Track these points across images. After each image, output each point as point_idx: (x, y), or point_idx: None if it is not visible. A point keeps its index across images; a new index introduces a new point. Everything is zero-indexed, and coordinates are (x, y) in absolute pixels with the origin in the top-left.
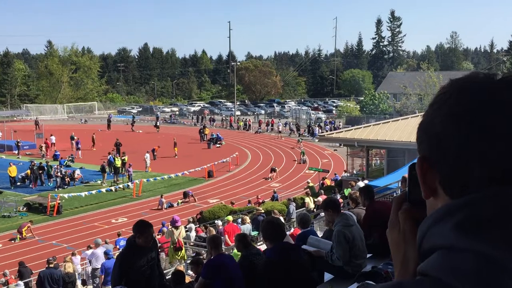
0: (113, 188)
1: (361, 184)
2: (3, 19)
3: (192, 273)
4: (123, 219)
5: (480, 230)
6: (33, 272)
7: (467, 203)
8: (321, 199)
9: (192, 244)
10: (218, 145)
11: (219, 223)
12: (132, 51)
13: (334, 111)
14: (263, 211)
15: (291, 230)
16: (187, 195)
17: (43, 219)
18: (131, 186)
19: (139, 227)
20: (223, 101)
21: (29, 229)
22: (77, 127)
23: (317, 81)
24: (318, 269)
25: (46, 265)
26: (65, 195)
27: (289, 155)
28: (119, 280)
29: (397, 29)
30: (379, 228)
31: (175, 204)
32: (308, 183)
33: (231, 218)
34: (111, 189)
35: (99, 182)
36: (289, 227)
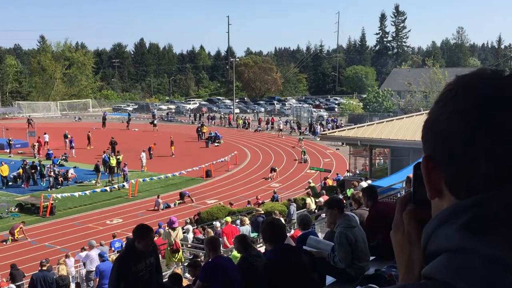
0: (108, 188)
1: (364, 184)
2: None
3: (189, 276)
4: (118, 220)
5: (486, 231)
6: (26, 274)
7: (474, 204)
8: (322, 199)
9: (189, 246)
10: (216, 144)
11: (218, 224)
12: (127, 47)
13: (336, 109)
14: (263, 212)
15: (292, 231)
16: (183, 196)
17: (36, 220)
18: (127, 186)
19: (140, 231)
20: (221, 98)
21: (21, 230)
22: (71, 125)
23: (319, 78)
24: (319, 271)
25: (39, 268)
26: (58, 195)
27: (289, 154)
28: (117, 284)
29: (402, 24)
30: (383, 229)
31: (172, 204)
32: (309, 183)
33: (229, 219)
34: (106, 189)
35: (93, 182)
36: (290, 229)
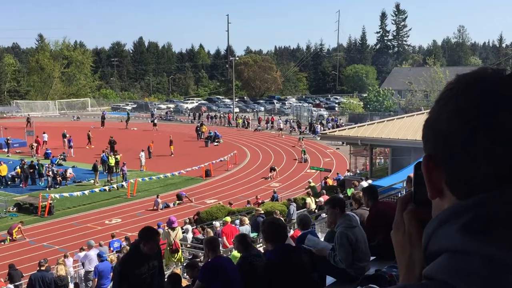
0: (106, 187)
1: (364, 184)
2: None
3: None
4: (117, 220)
5: (486, 231)
6: (24, 275)
7: (474, 204)
8: (322, 199)
9: (188, 246)
10: (216, 143)
11: (217, 224)
12: (126, 45)
13: (336, 108)
14: (262, 211)
15: (292, 231)
16: (181, 197)
17: (34, 220)
18: (126, 185)
19: (145, 234)
20: (221, 97)
21: (19, 230)
22: (69, 124)
23: (319, 77)
24: (319, 271)
25: (37, 268)
26: (57, 195)
27: (289, 153)
28: (120, 285)
29: (402, 23)
30: (383, 229)
31: (171, 204)
32: (309, 183)
33: (229, 219)
34: (104, 188)
35: (92, 181)
36: (290, 229)
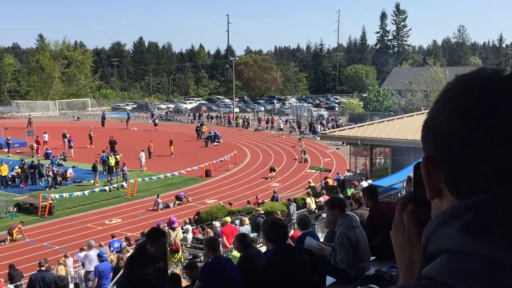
0: (107, 188)
1: (364, 184)
2: None
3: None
4: (117, 220)
5: (486, 232)
6: (24, 275)
7: (473, 204)
8: (322, 199)
9: (188, 246)
10: (216, 143)
11: (217, 224)
12: (126, 45)
13: (336, 108)
14: (262, 212)
15: (292, 231)
16: (180, 198)
17: (34, 220)
18: (126, 185)
19: (153, 234)
20: (221, 97)
21: (19, 230)
22: (69, 124)
23: (319, 77)
24: (319, 271)
25: (37, 268)
26: (57, 195)
27: (289, 153)
28: (126, 286)
29: (402, 23)
30: (383, 229)
31: (172, 204)
32: (309, 183)
33: (229, 219)
34: (104, 189)
35: (92, 181)
36: (290, 229)
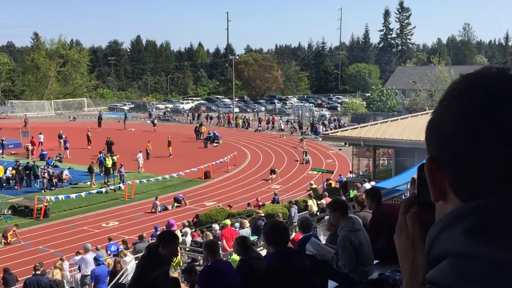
0: (103, 189)
1: (367, 185)
2: None
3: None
4: (114, 223)
5: (491, 235)
6: (19, 279)
7: (478, 207)
8: (324, 201)
9: (187, 249)
10: (215, 144)
11: (216, 227)
12: (124, 44)
13: (339, 108)
14: (263, 214)
15: (293, 234)
16: (179, 200)
17: (29, 222)
18: (123, 187)
19: (167, 237)
20: (220, 97)
21: (14, 233)
22: (65, 125)
23: (321, 76)
24: (321, 276)
25: (32, 272)
26: (53, 197)
27: (291, 155)
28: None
29: (406, 21)
30: (387, 232)
31: (170, 207)
32: (311, 184)
33: (229, 222)
34: (101, 191)
35: (88, 183)
36: (291, 232)
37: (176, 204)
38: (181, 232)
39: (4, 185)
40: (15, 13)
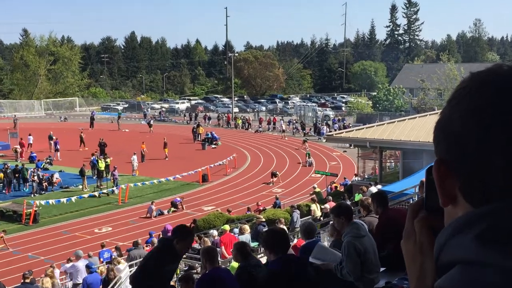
0: (96, 193)
1: (373, 189)
2: None
3: None
4: (108, 229)
5: (502, 242)
6: (7, 287)
7: (489, 212)
8: (328, 206)
9: (184, 256)
10: (213, 146)
11: (215, 233)
12: (117, 41)
13: (343, 108)
14: (264, 219)
15: (295, 240)
16: (176, 205)
17: (18, 228)
18: (117, 191)
19: (183, 232)
20: (219, 96)
21: (2, 239)
22: (56, 126)
23: (325, 74)
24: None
25: (21, 280)
26: (43, 202)
27: (293, 157)
28: (145, 278)
29: (414, 16)
30: (394, 238)
31: (166, 211)
32: (314, 188)
33: (228, 227)
34: (94, 194)
35: (80, 187)
36: (293, 238)
37: (172, 208)
38: None
39: None
40: (3, 8)
